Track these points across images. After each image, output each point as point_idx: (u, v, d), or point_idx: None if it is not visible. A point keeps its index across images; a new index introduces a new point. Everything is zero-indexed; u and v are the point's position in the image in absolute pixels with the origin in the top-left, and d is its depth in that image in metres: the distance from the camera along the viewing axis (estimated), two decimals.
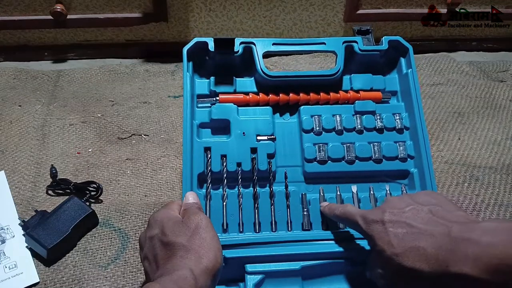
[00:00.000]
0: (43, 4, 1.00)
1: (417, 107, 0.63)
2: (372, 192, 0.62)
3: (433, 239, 0.41)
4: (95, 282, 0.60)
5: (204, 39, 0.63)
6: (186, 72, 0.62)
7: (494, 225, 0.38)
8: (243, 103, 0.65)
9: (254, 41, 0.64)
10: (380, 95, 0.67)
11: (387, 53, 0.67)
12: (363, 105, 0.65)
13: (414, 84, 0.64)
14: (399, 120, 0.65)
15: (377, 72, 0.68)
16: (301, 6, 1.07)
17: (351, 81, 0.67)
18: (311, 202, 0.61)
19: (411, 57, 0.65)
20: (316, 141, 0.63)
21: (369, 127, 0.65)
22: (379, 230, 0.45)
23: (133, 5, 1.03)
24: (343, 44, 0.65)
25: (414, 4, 1.10)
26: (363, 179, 0.63)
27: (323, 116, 0.64)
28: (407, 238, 0.43)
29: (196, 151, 0.61)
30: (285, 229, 0.60)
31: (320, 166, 0.62)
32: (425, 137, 0.62)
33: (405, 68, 0.67)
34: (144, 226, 0.68)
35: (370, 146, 0.64)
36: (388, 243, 0.44)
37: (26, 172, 0.76)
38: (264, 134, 0.63)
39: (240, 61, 0.65)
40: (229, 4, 1.05)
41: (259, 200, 0.61)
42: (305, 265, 0.55)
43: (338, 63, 0.65)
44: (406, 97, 0.66)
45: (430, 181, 0.60)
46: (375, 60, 0.68)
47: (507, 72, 1.07)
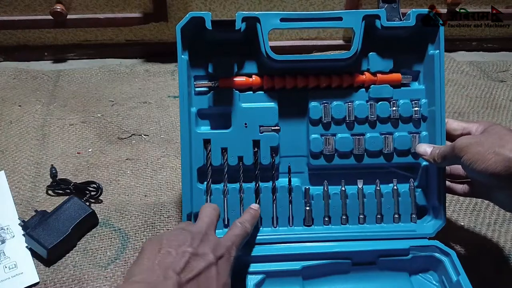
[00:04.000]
0: (43, 4, 1.00)
1: (439, 92, 0.56)
2: (378, 187, 0.60)
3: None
4: (95, 282, 0.60)
5: (200, 14, 0.54)
6: (180, 54, 0.56)
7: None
8: (245, 86, 0.59)
9: (259, 16, 0.55)
10: (400, 77, 0.59)
11: (413, 29, 0.57)
12: (379, 90, 0.59)
13: (439, 67, 0.56)
14: (417, 108, 0.59)
15: (399, 51, 0.59)
16: (301, 5, 1.07)
17: (368, 61, 0.59)
18: (314, 197, 0.59)
19: (441, 37, 0.56)
20: (323, 132, 0.59)
21: (383, 116, 0.59)
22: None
23: (133, 5, 1.03)
24: (362, 21, 0.56)
25: (414, 4, 1.10)
26: (371, 171, 0.60)
27: (333, 104, 0.58)
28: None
29: (195, 144, 0.57)
30: (286, 224, 0.59)
31: (326, 160, 0.59)
32: (442, 126, 0.56)
33: (431, 48, 0.58)
34: (144, 226, 0.68)
35: (382, 138, 0.59)
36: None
37: (26, 172, 0.76)
38: (267, 125, 0.59)
39: (242, 41, 0.58)
40: (229, 4, 1.05)
41: (261, 195, 0.59)
42: (306, 265, 0.55)
43: (354, 43, 0.56)
44: (429, 81, 0.58)
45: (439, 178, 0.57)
46: (398, 37, 0.59)
47: (507, 72, 1.07)
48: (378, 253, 0.56)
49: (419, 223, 0.59)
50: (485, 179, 0.48)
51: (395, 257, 0.56)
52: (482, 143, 0.47)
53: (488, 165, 0.45)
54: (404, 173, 0.61)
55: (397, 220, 0.59)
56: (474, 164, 0.47)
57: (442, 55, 0.57)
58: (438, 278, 0.57)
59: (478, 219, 0.70)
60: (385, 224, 0.60)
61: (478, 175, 0.48)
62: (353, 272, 0.57)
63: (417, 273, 0.58)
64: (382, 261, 0.57)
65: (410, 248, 0.56)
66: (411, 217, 0.60)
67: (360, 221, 0.60)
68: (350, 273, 0.57)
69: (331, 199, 0.60)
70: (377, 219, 0.60)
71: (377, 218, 0.60)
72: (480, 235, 0.68)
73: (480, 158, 0.46)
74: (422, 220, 0.60)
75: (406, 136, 0.59)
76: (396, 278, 0.57)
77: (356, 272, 0.57)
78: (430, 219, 0.59)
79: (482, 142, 0.47)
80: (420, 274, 0.58)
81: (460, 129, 0.56)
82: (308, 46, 1.10)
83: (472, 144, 0.48)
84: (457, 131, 0.56)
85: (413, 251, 0.56)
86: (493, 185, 0.49)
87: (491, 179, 0.46)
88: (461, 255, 0.55)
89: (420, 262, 0.57)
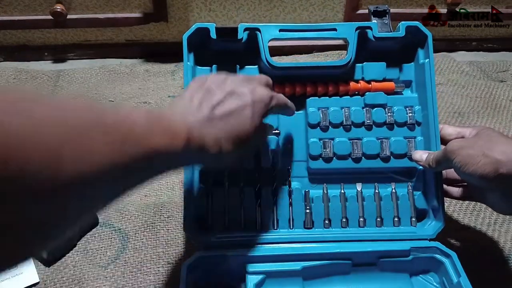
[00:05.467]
0: (43, 4, 1.00)
1: (431, 99, 0.59)
2: (377, 190, 0.60)
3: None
4: (95, 282, 0.60)
5: (205, 25, 0.58)
6: (186, 60, 0.58)
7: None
8: None
9: (260, 27, 0.59)
10: (393, 85, 0.62)
11: (404, 40, 0.61)
12: (374, 97, 0.61)
13: (430, 75, 0.59)
14: (411, 114, 0.61)
15: (391, 61, 0.63)
16: (301, 6, 1.07)
17: (362, 70, 0.62)
18: (314, 200, 0.60)
19: (430, 46, 0.60)
20: (322, 136, 0.61)
21: (379, 121, 0.61)
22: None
23: (133, 5, 1.03)
24: (356, 31, 0.60)
25: (414, 4, 1.10)
26: (369, 175, 0.61)
27: (330, 109, 0.61)
28: None
29: None
30: (286, 226, 0.59)
31: (325, 163, 0.60)
32: (436, 132, 0.58)
33: (422, 57, 0.61)
34: (144, 226, 0.68)
35: (378, 142, 0.60)
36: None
37: None
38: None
39: (244, 49, 0.61)
40: (229, 4, 1.05)
41: (262, 198, 0.59)
42: (306, 266, 0.55)
43: (349, 52, 0.60)
44: (421, 88, 0.61)
45: (437, 181, 0.58)
46: (390, 48, 0.62)
47: (507, 72, 1.07)
48: (379, 254, 0.56)
49: (419, 226, 0.59)
50: (475, 181, 0.48)
51: (395, 258, 0.56)
52: (473, 146, 0.48)
53: (477, 167, 0.46)
54: (401, 178, 0.62)
55: (397, 223, 0.59)
56: (465, 166, 0.47)
57: (432, 63, 0.60)
58: (439, 280, 0.57)
59: (478, 219, 0.70)
60: (385, 228, 0.59)
61: (469, 178, 0.49)
62: (354, 273, 0.57)
63: (417, 274, 0.58)
64: (382, 262, 0.57)
65: (410, 249, 0.56)
66: (411, 221, 0.59)
67: (360, 224, 0.59)
68: (351, 274, 0.57)
69: (330, 202, 0.60)
70: (377, 222, 0.60)
71: (377, 221, 0.60)
72: (480, 235, 0.68)
73: (470, 161, 0.47)
74: (422, 223, 0.60)
75: (402, 140, 0.61)
76: (397, 279, 0.57)
77: (357, 273, 0.57)
78: (430, 221, 0.59)
79: (472, 144, 0.48)
80: (420, 276, 0.58)
81: (454, 133, 0.57)
82: (308, 46, 1.10)
83: (463, 146, 0.48)
84: (452, 135, 0.57)
85: (413, 252, 0.56)
86: (484, 187, 0.50)
87: (481, 181, 0.47)
88: (461, 255, 0.55)
89: (421, 263, 0.57)
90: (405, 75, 0.64)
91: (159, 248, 0.65)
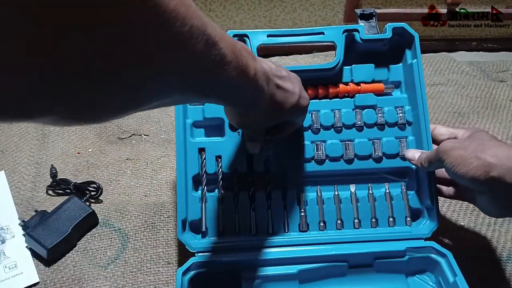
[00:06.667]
0: None
1: (420, 99, 0.60)
2: (371, 191, 0.61)
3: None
4: (95, 282, 0.61)
5: None
6: None
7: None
8: None
9: (248, 33, 0.61)
10: (382, 86, 0.63)
11: (391, 41, 0.62)
12: (364, 98, 0.62)
13: (419, 75, 0.60)
14: (401, 114, 0.62)
15: (380, 62, 0.64)
16: (301, 6, 1.07)
17: (351, 72, 0.63)
18: (308, 203, 0.60)
19: (417, 46, 0.61)
20: (313, 138, 0.61)
21: (370, 122, 0.62)
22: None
23: None
24: (343, 34, 0.61)
25: (414, 4, 1.10)
26: (362, 176, 0.62)
27: (321, 112, 0.62)
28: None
29: (190, 152, 0.60)
30: (281, 230, 0.59)
31: (318, 165, 0.61)
32: (427, 131, 0.58)
33: (410, 58, 0.62)
34: (144, 226, 0.68)
35: (370, 143, 0.61)
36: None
37: (26, 172, 0.76)
38: None
39: None
40: (229, 4, 1.05)
41: (256, 202, 0.60)
42: (302, 269, 0.55)
43: (337, 55, 0.61)
44: (410, 89, 0.62)
45: (430, 180, 0.58)
46: (378, 50, 0.63)
47: (507, 72, 1.07)
48: (375, 255, 0.57)
49: (414, 226, 0.60)
50: (466, 182, 0.48)
51: (391, 259, 0.57)
52: (465, 147, 0.48)
53: (469, 169, 0.46)
54: (394, 178, 0.62)
55: (392, 223, 0.60)
56: (456, 167, 0.47)
57: (420, 63, 0.60)
58: (435, 279, 0.57)
59: (478, 219, 0.70)
60: (380, 228, 0.60)
61: (460, 179, 0.49)
62: (350, 275, 0.57)
63: (413, 275, 0.59)
64: (378, 263, 0.57)
65: (406, 250, 0.56)
66: (406, 221, 0.60)
67: (355, 226, 0.60)
68: (347, 276, 0.57)
69: (325, 204, 0.60)
70: (372, 223, 0.60)
71: (372, 222, 0.60)
72: (480, 235, 0.68)
73: (462, 162, 0.47)
74: (417, 223, 0.60)
75: (393, 140, 0.61)
76: (393, 280, 0.57)
77: (353, 275, 0.57)
78: (425, 221, 0.60)
79: (465, 146, 0.48)
80: (416, 276, 0.59)
81: (447, 134, 0.57)
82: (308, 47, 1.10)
83: (455, 148, 0.49)
84: (444, 136, 0.57)
85: (409, 252, 0.57)
86: (474, 189, 0.50)
87: (472, 183, 0.47)
88: (461, 255, 0.55)
89: (417, 263, 0.57)
90: (394, 76, 0.64)
91: (159, 248, 0.66)
